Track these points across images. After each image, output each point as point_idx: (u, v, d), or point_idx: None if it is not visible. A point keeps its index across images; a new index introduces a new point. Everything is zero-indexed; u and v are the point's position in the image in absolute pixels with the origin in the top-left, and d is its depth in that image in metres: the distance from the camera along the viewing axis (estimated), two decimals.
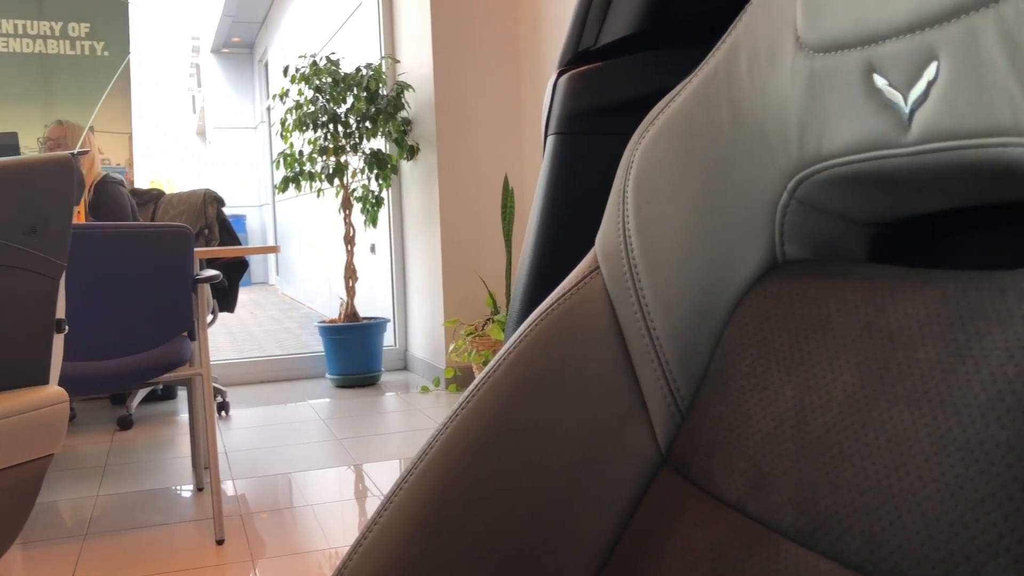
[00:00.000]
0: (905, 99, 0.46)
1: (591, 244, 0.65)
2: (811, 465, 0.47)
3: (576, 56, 0.81)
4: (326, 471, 3.11)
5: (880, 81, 0.47)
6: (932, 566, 0.39)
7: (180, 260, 2.32)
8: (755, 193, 0.57)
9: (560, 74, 0.81)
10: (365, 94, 4.26)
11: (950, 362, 0.42)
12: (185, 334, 2.45)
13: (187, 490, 2.97)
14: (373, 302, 5.47)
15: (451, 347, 4.04)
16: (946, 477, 0.40)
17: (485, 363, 3.89)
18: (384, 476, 3.03)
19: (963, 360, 0.42)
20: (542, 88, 4.06)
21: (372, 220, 4.51)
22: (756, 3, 0.57)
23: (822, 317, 0.51)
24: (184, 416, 4.08)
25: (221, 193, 4.12)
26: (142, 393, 4.23)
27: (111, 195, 3.30)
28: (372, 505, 2.74)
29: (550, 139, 0.80)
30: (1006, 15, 0.40)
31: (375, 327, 4.48)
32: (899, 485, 0.42)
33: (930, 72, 0.44)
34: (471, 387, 0.63)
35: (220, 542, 2.44)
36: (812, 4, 0.51)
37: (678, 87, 0.62)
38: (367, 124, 4.34)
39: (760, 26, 0.56)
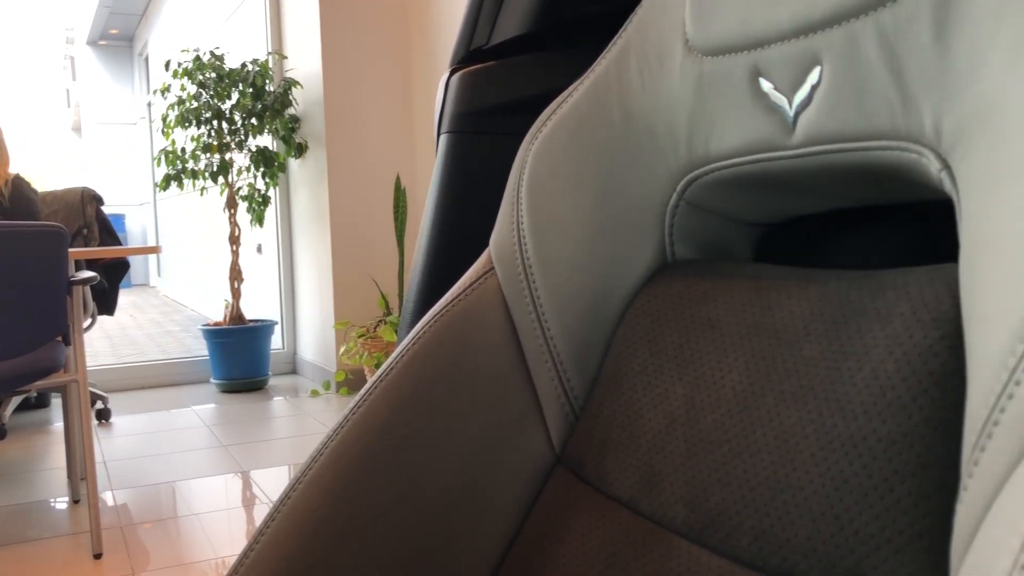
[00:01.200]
0: (790, 103, 0.47)
1: (485, 244, 0.65)
2: (701, 462, 0.47)
3: (468, 54, 0.80)
4: (212, 479, 3.01)
5: (766, 85, 0.48)
6: (819, 559, 0.40)
7: (53, 261, 2.20)
8: (646, 194, 0.57)
9: (452, 72, 0.81)
10: (251, 90, 4.15)
11: (834, 359, 0.44)
12: (59, 339, 2.33)
13: (63, 502, 2.83)
14: (260, 304, 5.33)
15: (342, 350, 3.97)
16: (832, 472, 0.41)
17: (377, 365, 3.85)
18: (273, 483, 2.96)
19: (846, 358, 0.43)
20: (435, 86, 4.04)
21: (258, 219, 4.40)
22: (646, 6, 0.58)
23: (711, 316, 0.52)
24: (60, 425, 3.88)
25: (99, 191, 3.94)
26: (15, 401, 4.00)
27: (26, 193, 3.11)
28: (261, 513, 2.67)
29: (443, 138, 0.79)
30: (884, 22, 0.41)
31: (262, 330, 4.37)
32: (787, 481, 0.43)
33: (813, 76, 0.45)
34: (363, 391, 0.62)
35: (98, 556, 2.33)
36: (700, 8, 0.51)
37: (570, 88, 0.62)
38: (253, 121, 4.24)
39: (650, 28, 0.56)
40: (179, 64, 4.27)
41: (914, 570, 0.37)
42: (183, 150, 4.35)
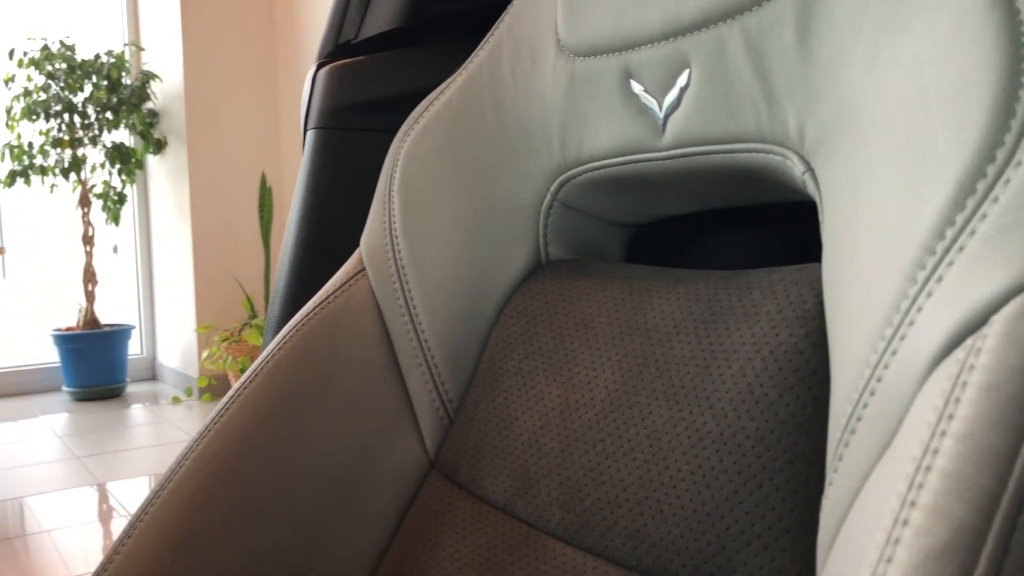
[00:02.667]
0: (660, 105, 0.47)
1: (355, 244, 0.63)
2: (576, 463, 0.47)
3: (336, 49, 0.78)
4: (65, 493, 2.84)
5: (636, 87, 0.48)
6: (691, 556, 0.40)
7: None
8: (520, 194, 0.57)
9: (320, 67, 0.78)
10: (106, 83, 3.95)
11: (704, 358, 0.44)
12: None
13: None
14: (116, 308, 5.08)
15: (205, 354, 3.83)
16: (703, 470, 0.41)
17: (243, 370, 3.73)
18: (133, 495, 2.82)
19: (715, 356, 0.44)
20: (301, 81, 3.95)
21: (114, 218, 4.19)
22: (518, 4, 0.57)
23: (584, 316, 0.52)
24: None
25: None
26: None
27: None
28: (119, 528, 2.54)
29: (310, 134, 0.77)
30: (750, 26, 0.42)
31: (118, 334, 4.17)
32: (659, 480, 0.43)
33: (682, 79, 0.46)
34: (225, 398, 0.59)
35: None
36: (572, 8, 0.51)
37: (442, 85, 0.61)
38: (108, 115, 4.03)
39: (522, 27, 0.56)
40: (25, 53, 4.02)
41: (783, 564, 0.37)
42: (30, 145, 4.10)
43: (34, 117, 4.01)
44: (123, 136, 4.35)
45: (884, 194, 0.34)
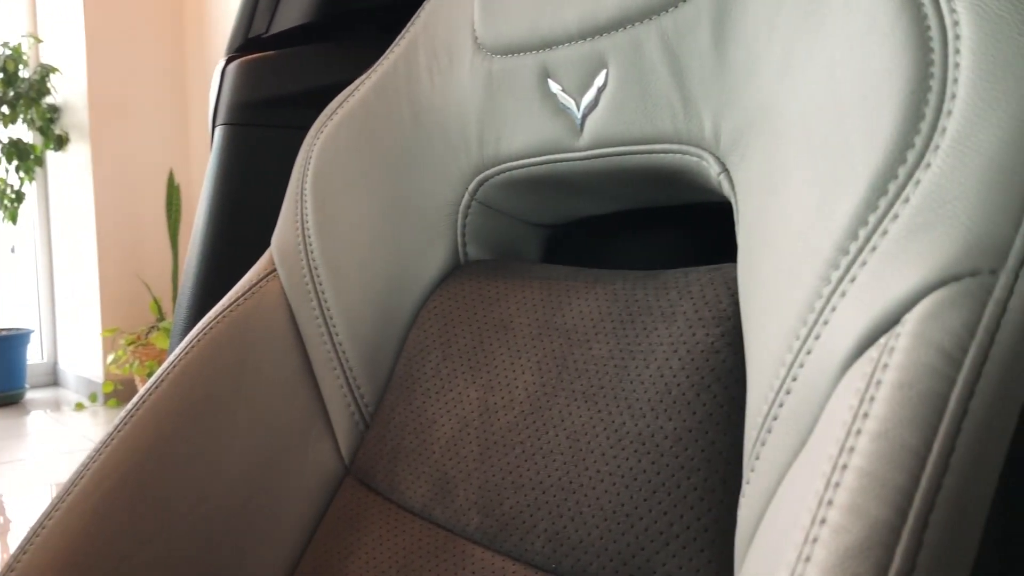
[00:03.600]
0: (577, 105, 0.47)
1: (266, 245, 0.61)
2: (495, 466, 0.47)
3: (246, 43, 0.76)
4: None
5: (554, 86, 0.48)
6: (610, 558, 0.40)
7: None
8: (437, 193, 0.56)
9: (229, 60, 0.76)
10: (1, 75, 3.79)
11: (622, 358, 0.44)
12: None
13: None
14: (13, 310, 4.86)
15: (110, 359, 3.70)
16: (621, 470, 0.41)
17: (150, 375, 3.61)
18: (32, 507, 2.70)
19: (633, 356, 0.44)
20: (210, 74, 3.86)
21: (11, 217, 4.02)
22: (433, 1, 0.56)
23: (503, 317, 0.51)
24: None
25: None
26: None
27: None
28: (16, 542, 2.43)
29: (219, 130, 0.75)
30: (666, 27, 0.42)
31: (16, 339, 4.00)
32: (579, 481, 0.43)
33: (600, 79, 0.46)
34: (130, 405, 0.56)
35: None
36: (488, 6, 0.51)
37: (356, 82, 0.60)
38: (4, 110, 3.86)
39: (438, 24, 0.55)
40: None
41: (700, 564, 0.37)
42: None
43: None
44: (21, 131, 4.17)
45: (798, 195, 0.34)
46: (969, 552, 0.26)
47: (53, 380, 4.46)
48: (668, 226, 0.58)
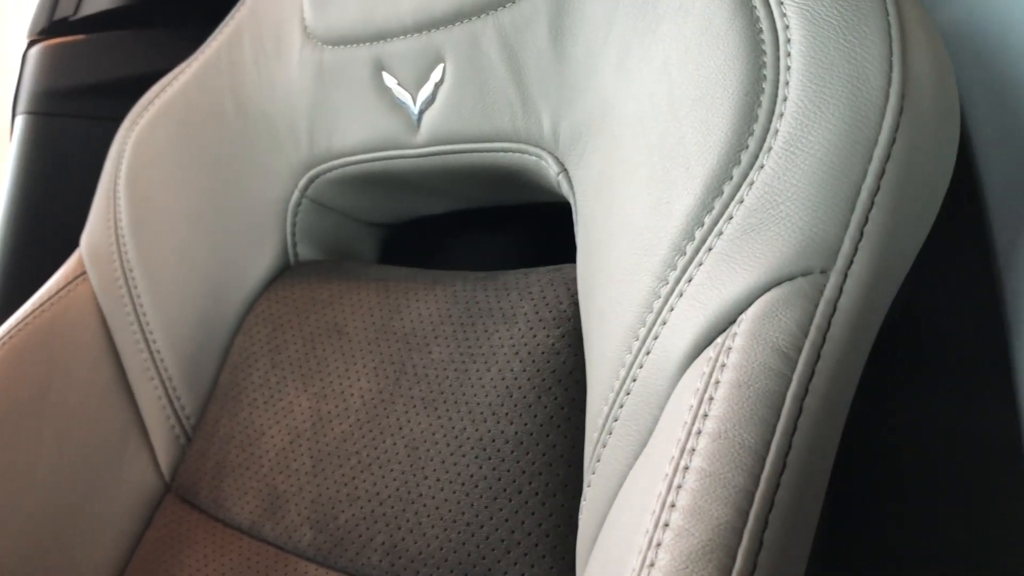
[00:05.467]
0: (414, 100, 0.45)
1: (74, 245, 0.56)
2: (328, 479, 0.44)
3: (52, 25, 0.70)
4: None
5: (389, 80, 0.46)
6: (451, 569, 0.39)
7: None
8: (265, 190, 0.53)
9: (32, 44, 0.70)
10: None
11: (463, 362, 0.43)
12: None
13: None
14: None
15: None
16: (462, 477, 0.40)
17: None
18: None
19: (474, 359, 0.42)
20: (8, 58, 3.57)
21: None
22: None
23: (336, 321, 0.49)
24: None
25: None
26: None
27: None
28: None
29: (19, 119, 0.68)
30: (504, 23, 0.41)
31: None
32: (418, 491, 0.41)
33: (437, 74, 0.44)
34: None
35: None
36: None
37: (175, 71, 0.56)
38: None
39: (266, 11, 0.52)
40: None
41: (542, 570, 0.37)
42: None
43: None
44: None
45: (636, 195, 0.34)
46: (805, 548, 0.26)
47: None
48: (509, 226, 0.57)
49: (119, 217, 0.54)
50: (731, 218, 0.30)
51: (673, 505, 0.26)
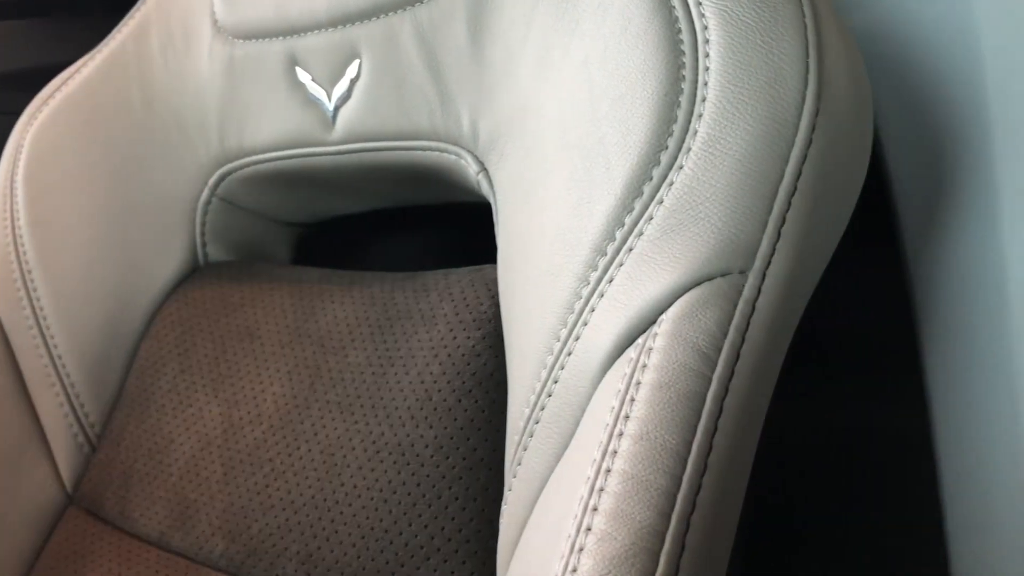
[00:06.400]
0: (328, 96, 0.44)
1: None
2: (241, 487, 0.43)
3: None
4: None
5: (303, 75, 0.45)
6: None
7: None
8: (173, 187, 0.51)
9: None
10: None
11: (380, 365, 0.42)
12: None
13: None
14: None
15: None
16: (379, 483, 0.39)
17: None
18: None
19: (392, 362, 0.42)
20: None
21: None
22: None
23: (248, 324, 0.48)
24: None
25: None
26: None
27: None
28: None
29: None
30: (421, 19, 0.40)
31: None
32: (334, 498, 0.40)
33: (352, 70, 0.43)
34: None
35: None
36: None
37: (78, 63, 0.53)
38: None
39: (173, 4, 0.50)
40: None
41: None
42: None
43: None
44: None
45: (556, 195, 0.33)
46: (727, 549, 0.26)
47: None
48: (429, 226, 0.56)
49: (16, 216, 0.52)
50: (651, 219, 0.30)
51: (595, 509, 0.26)
